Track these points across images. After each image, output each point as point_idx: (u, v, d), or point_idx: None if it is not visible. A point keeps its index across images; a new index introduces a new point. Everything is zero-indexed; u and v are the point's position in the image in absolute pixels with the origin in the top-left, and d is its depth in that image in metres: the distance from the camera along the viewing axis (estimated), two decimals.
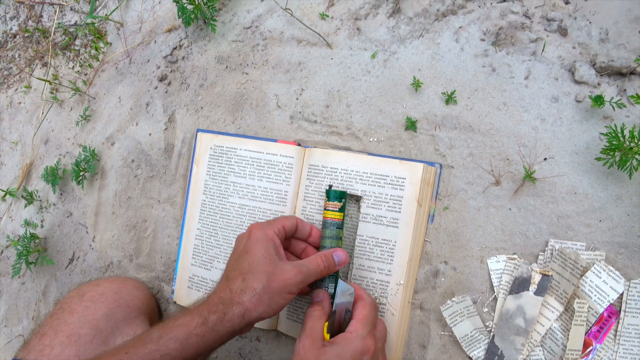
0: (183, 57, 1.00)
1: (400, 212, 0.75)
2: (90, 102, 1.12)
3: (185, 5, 0.92)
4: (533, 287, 0.67)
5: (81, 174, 1.03)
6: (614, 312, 0.65)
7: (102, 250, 1.04)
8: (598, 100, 0.70)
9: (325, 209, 0.75)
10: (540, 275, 0.67)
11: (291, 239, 0.76)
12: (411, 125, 0.81)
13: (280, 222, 0.71)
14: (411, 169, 0.75)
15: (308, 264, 0.66)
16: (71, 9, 1.26)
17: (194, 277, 0.89)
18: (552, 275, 0.66)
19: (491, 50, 0.81)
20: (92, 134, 1.09)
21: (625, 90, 0.74)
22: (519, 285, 0.68)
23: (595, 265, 0.66)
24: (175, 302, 0.94)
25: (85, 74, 1.17)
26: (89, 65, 1.15)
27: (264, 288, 0.62)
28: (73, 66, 1.21)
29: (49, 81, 1.19)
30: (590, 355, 0.65)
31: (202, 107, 0.96)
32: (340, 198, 0.75)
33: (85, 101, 1.13)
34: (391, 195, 0.76)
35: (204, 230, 0.89)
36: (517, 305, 0.68)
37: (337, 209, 0.75)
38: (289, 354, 0.85)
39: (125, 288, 0.90)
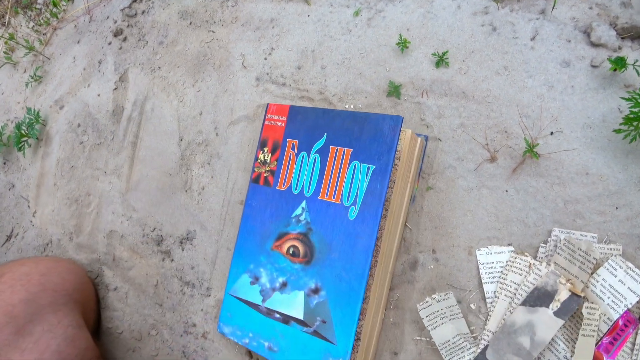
0: (143, 11, 0.88)
1: None
2: (44, 63, 1.00)
3: None
4: (555, 305, 0.53)
5: (23, 139, 0.91)
6: (631, 319, 0.52)
7: (42, 226, 0.91)
8: (619, 62, 0.58)
9: None
10: (569, 293, 0.53)
11: None
12: (394, 90, 0.69)
13: None
14: None
15: None
16: None
17: None
18: (584, 297, 0.52)
19: (492, 6, 0.68)
20: (42, 97, 0.97)
21: None
22: (538, 297, 0.54)
23: (609, 261, 0.53)
24: (115, 289, 0.81)
25: (44, 34, 1.05)
26: (46, 22, 1.04)
27: None
28: (33, 26, 1.09)
29: (5, 39, 1.07)
30: None
31: (159, 67, 0.84)
32: None
33: (39, 62, 1.01)
34: None
35: None
36: (527, 320, 0.54)
37: None
38: (236, 356, 0.72)
39: (55, 270, 0.78)
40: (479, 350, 0.57)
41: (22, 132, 0.90)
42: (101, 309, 0.82)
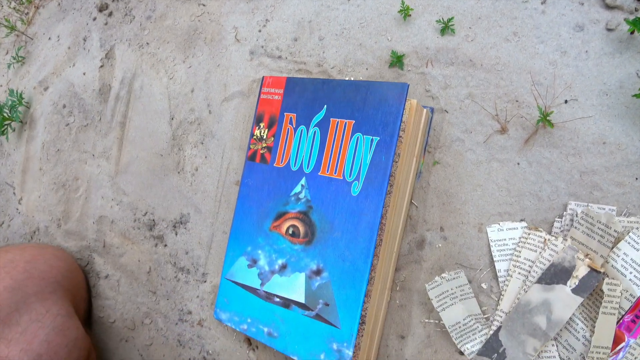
0: None
1: None
2: (27, 43, 0.95)
3: None
4: (573, 282, 0.50)
5: (5, 123, 0.86)
6: None
7: (29, 214, 0.87)
8: (638, 23, 0.54)
9: None
10: (588, 269, 0.49)
11: None
12: (397, 61, 0.65)
13: None
14: None
15: None
16: None
17: None
18: (604, 273, 0.49)
19: None
20: (25, 78, 0.93)
21: None
22: (555, 274, 0.51)
23: (630, 234, 0.49)
24: (106, 277, 0.78)
25: (26, 13, 1.00)
26: (28, 0, 0.99)
27: None
28: (14, 5, 1.04)
29: None
30: (621, 354, 0.49)
31: (148, 43, 0.79)
32: None
33: (21, 42, 0.97)
34: None
35: None
36: (543, 298, 0.51)
37: None
38: (234, 344, 0.69)
39: (42, 257, 0.74)
40: (491, 332, 0.54)
41: (5, 115, 0.85)
42: (92, 297, 0.79)
